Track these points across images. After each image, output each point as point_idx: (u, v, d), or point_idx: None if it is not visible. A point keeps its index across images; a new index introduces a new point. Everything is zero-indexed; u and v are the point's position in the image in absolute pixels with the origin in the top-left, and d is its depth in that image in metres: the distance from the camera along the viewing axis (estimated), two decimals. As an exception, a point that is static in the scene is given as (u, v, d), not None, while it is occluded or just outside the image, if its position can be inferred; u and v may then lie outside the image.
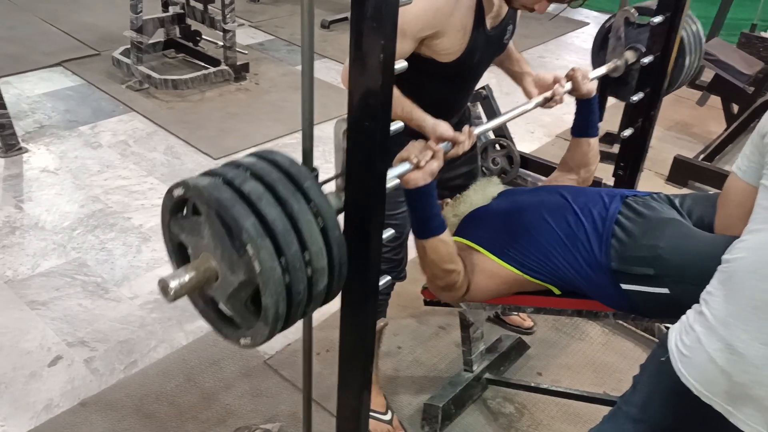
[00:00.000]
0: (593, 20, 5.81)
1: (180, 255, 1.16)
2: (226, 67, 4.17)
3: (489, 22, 1.65)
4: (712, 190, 3.28)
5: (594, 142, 1.96)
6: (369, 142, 1.09)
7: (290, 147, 3.56)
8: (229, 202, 1.00)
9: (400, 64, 1.09)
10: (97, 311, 2.43)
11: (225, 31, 4.04)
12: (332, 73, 4.44)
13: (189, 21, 4.34)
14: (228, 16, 3.99)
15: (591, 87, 1.87)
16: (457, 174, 1.99)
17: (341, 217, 1.18)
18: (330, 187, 1.22)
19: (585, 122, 1.93)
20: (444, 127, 1.53)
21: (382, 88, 1.04)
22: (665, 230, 1.52)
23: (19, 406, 2.05)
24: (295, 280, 1.02)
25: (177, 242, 1.15)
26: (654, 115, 2.17)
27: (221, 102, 4.01)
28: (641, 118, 2.17)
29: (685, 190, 3.39)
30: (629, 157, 2.25)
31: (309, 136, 1.20)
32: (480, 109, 2.85)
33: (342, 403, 1.41)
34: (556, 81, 1.81)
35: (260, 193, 1.02)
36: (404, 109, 1.56)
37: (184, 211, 1.12)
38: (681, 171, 3.44)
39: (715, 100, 3.99)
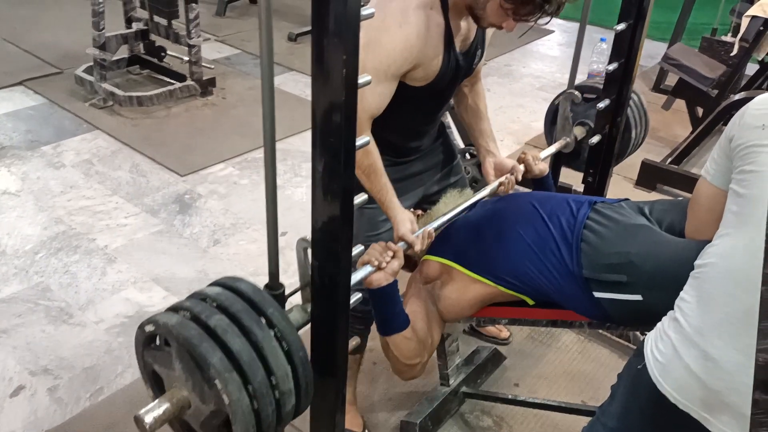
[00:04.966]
0: (558, 28, 5.87)
1: (155, 382, 1.21)
2: (192, 83, 4.11)
3: (458, 45, 1.64)
4: (681, 194, 3.31)
5: None
6: (333, 159, 1.07)
7: (257, 162, 3.51)
8: (196, 340, 1.05)
9: (364, 79, 1.07)
10: (60, 337, 2.36)
11: (190, 46, 3.98)
12: (300, 85, 4.40)
13: (153, 37, 4.26)
14: (193, 31, 3.93)
15: (543, 167, 1.94)
16: (441, 187, 1.97)
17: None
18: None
19: None
20: (406, 228, 1.59)
21: (345, 104, 1.02)
22: (636, 236, 1.52)
23: (-20, 441, 1.98)
24: (263, 405, 1.08)
25: (151, 371, 1.20)
26: (620, 121, 2.18)
27: (187, 118, 3.95)
28: (608, 124, 2.19)
29: (654, 194, 3.42)
30: (597, 164, 2.27)
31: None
32: (449, 119, 2.83)
33: (315, 427, 1.37)
34: (514, 168, 1.87)
35: (225, 325, 1.07)
36: (381, 190, 1.60)
37: (157, 341, 1.16)
38: (649, 175, 3.46)
39: (680, 104, 4.04)
